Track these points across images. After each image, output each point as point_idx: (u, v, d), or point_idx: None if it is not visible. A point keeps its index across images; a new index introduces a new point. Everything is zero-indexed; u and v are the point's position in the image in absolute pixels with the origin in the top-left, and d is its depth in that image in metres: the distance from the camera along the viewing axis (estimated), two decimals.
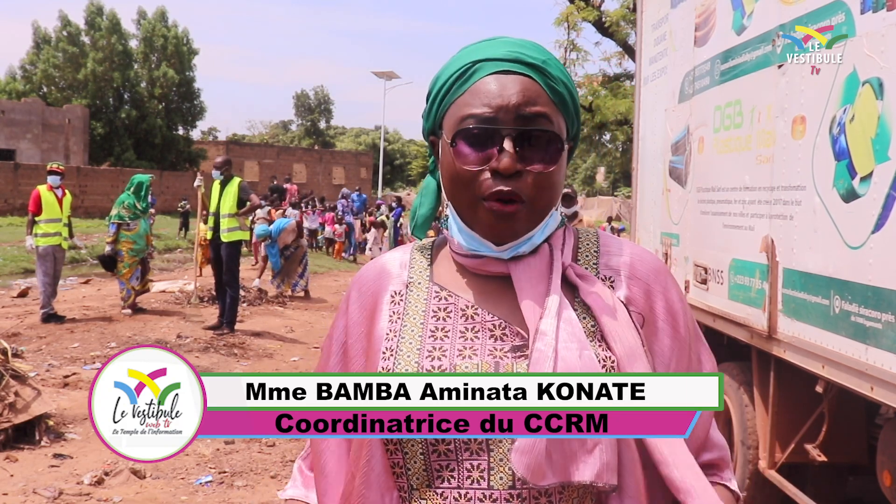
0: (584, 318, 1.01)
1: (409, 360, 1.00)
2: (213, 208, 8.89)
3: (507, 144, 0.97)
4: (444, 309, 1.04)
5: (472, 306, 1.03)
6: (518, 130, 0.98)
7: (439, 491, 0.97)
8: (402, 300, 1.07)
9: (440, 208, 1.15)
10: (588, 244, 1.10)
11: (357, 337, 1.09)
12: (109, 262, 9.66)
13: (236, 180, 8.86)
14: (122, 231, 9.42)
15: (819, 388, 3.13)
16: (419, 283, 1.08)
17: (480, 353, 0.99)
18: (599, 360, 0.97)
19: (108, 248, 9.58)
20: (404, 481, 0.99)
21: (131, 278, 9.57)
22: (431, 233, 1.24)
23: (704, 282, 4.10)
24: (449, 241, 1.10)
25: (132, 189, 9.68)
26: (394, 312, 1.06)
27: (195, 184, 10.23)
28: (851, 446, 3.40)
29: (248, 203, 8.93)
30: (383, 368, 1.01)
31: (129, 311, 9.53)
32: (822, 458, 3.36)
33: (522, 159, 0.98)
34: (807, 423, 3.39)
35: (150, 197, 9.86)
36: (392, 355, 1.01)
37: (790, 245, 3.16)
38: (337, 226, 19.81)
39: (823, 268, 2.89)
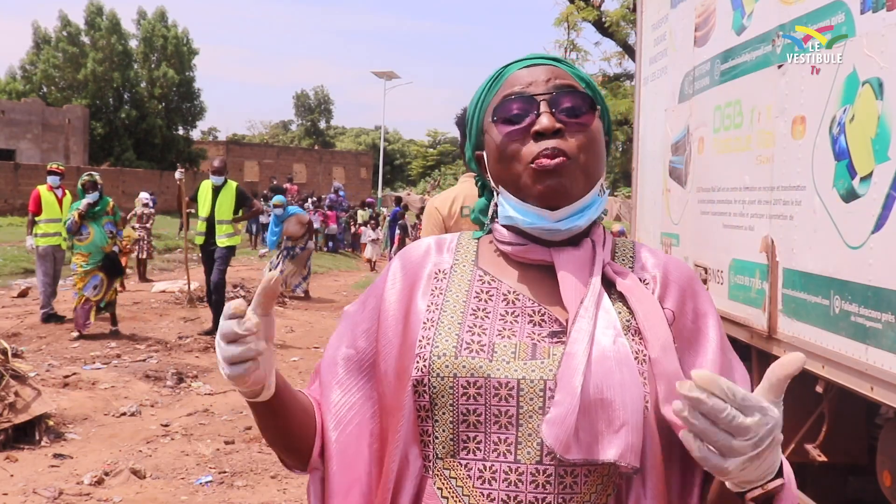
0: (620, 311, 1.04)
1: (450, 332, 1.03)
2: (204, 212, 8.54)
3: (544, 107, 1.05)
4: (487, 292, 1.08)
5: (514, 292, 1.07)
6: (551, 94, 1.06)
7: (464, 462, 0.99)
8: (445, 278, 1.11)
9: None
10: (624, 249, 1.16)
11: (396, 306, 1.11)
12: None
13: (233, 184, 8.58)
14: (75, 242, 8.29)
15: (819, 388, 3.13)
16: (464, 266, 1.13)
17: (519, 334, 1.02)
18: (633, 352, 1.00)
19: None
20: (430, 450, 1.01)
21: (85, 287, 8.16)
22: None
23: (704, 282, 4.10)
24: (494, 232, 1.14)
25: (80, 192, 8.43)
26: (436, 288, 1.10)
27: (177, 176, 9.55)
28: (851, 446, 3.40)
29: (252, 208, 8.81)
30: (423, 338, 1.04)
31: (75, 334, 8.13)
32: (822, 458, 3.36)
33: (561, 121, 1.05)
34: (807, 424, 3.39)
35: (91, 195, 8.19)
36: (433, 326, 1.05)
37: (790, 245, 3.16)
38: (370, 230, 18.92)
39: (823, 268, 2.89)
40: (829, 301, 2.84)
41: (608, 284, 1.07)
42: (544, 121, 1.03)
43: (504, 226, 1.12)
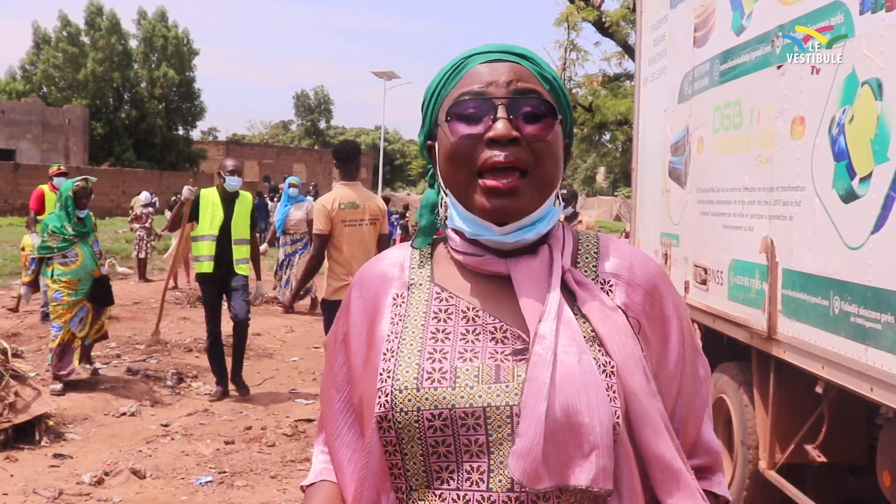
0: (584, 322, 1.01)
1: (410, 361, 1.00)
2: (213, 229, 6.19)
3: (501, 112, 0.99)
4: (446, 311, 1.04)
5: (474, 308, 1.03)
6: (511, 98, 1.00)
7: (438, 492, 0.97)
8: (403, 302, 1.07)
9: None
10: (588, 246, 1.10)
11: (358, 337, 1.08)
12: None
13: (249, 196, 6.57)
14: (55, 266, 6.14)
15: (819, 389, 3.13)
16: (420, 285, 1.08)
17: (482, 355, 0.99)
18: (599, 366, 0.96)
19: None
20: (402, 482, 0.99)
21: (72, 321, 6.23)
22: None
23: (704, 282, 4.10)
24: (449, 240, 1.10)
25: (60, 203, 6.31)
26: (395, 314, 1.06)
27: (185, 194, 6.30)
28: (851, 446, 3.40)
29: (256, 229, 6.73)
30: (384, 370, 1.00)
31: (58, 385, 6.13)
32: (822, 459, 3.36)
33: (517, 129, 0.99)
34: (807, 424, 3.39)
35: (80, 206, 6.30)
36: (393, 357, 1.01)
37: (790, 246, 3.16)
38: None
39: (823, 268, 2.90)
40: (829, 301, 2.84)
41: (570, 293, 1.02)
42: (500, 128, 0.98)
43: (456, 232, 1.08)
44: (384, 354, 1.02)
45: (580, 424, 0.92)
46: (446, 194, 1.07)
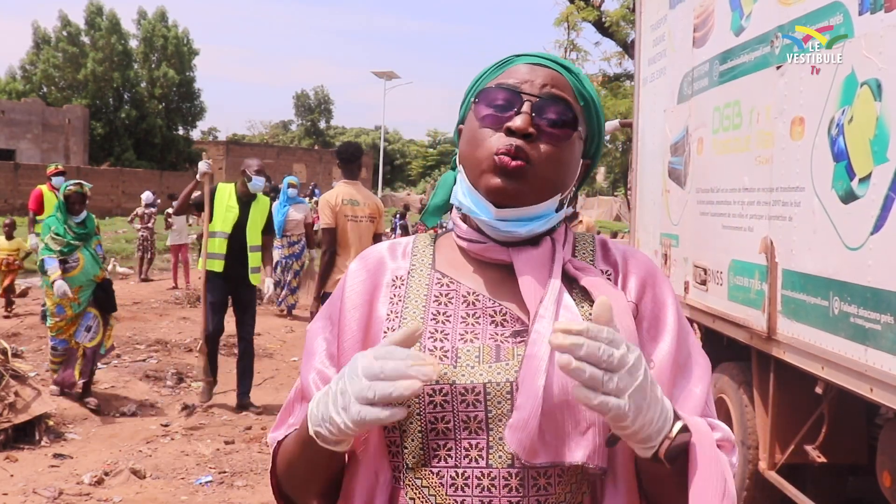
0: (583, 305, 1.03)
1: None
2: (222, 225, 5.89)
3: (526, 108, 1.03)
4: (446, 294, 1.06)
5: (474, 293, 1.06)
6: (539, 98, 1.04)
7: (435, 470, 0.98)
8: (403, 284, 1.09)
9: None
10: (585, 244, 1.15)
11: (351, 314, 1.08)
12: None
13: (266, 200, 6.22)
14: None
15: (819, 389, 3.13)
16: (421, 270, 1.11)
17: (482, 337, 1.01)
18: None
19: (58, 286, 5.57)
20: (399, 460, 1.00)
21: (77, 333, 5.80)
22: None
23: (704, 283, 4.10)
24: (454, 226, 1.13)
25: (59, 206, 5.87)
26: (395, 295, 1.08)
27: (202, 168, 6.15)
28: (851, 447, 3.40)
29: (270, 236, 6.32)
30: None
31: (57, 387, 5.93)
32: (822, 459, 3.36)
33: (536, 127, 1.03)
34: (807, 424, 3.39)
35: (73, 211, 5.85)
36: None
37: (789, 246, 3.16)
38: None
39: (822, 269, 2.90)
40: (829, 302, 2.85)
41: (570, 281, 1.05)
42: (518, 121, 1.02)
43: (463, 219, 1.11)
44: (384, 333, 1.04)
45: (577, 402, 0.92)
46: (459, 171, 1.10)
